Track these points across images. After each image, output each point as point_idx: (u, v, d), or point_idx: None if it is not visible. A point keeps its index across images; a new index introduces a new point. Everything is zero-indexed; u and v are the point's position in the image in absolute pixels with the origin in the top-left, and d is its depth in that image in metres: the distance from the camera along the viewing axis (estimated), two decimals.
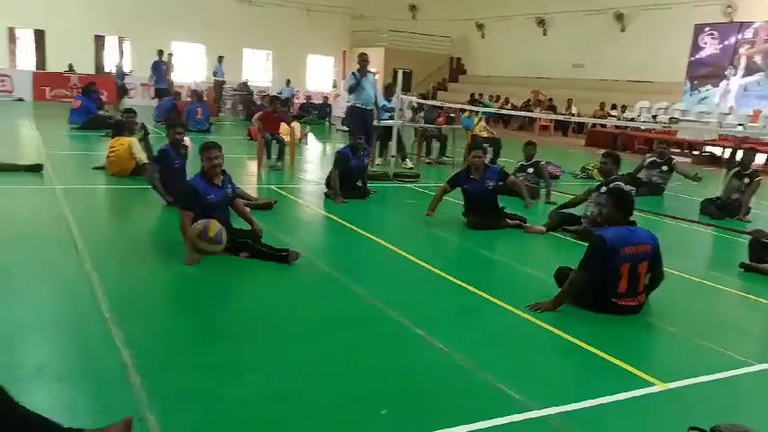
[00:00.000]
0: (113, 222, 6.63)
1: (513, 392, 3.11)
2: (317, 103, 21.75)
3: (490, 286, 4.81)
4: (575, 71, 24.19)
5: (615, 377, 3.43)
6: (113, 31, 24.93)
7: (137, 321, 3.69)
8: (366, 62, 9.85)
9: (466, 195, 6.93)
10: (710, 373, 3.57)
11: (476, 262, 5.86)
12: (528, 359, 3.65)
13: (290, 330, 3.81)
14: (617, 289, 4.21)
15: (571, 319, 4.19)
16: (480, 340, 3.86)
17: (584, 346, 3.78)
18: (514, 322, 4.14)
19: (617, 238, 4.21)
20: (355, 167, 7.94)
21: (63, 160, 9.48)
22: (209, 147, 5.18)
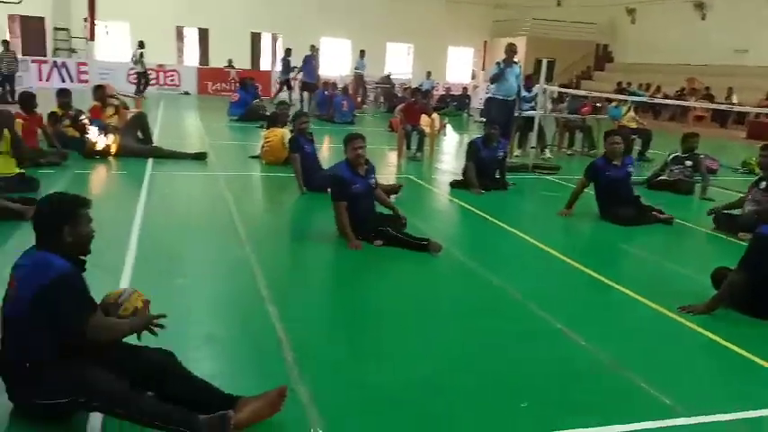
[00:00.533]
0: (268, 208, 7.14)
1: (660, 395, 3.02)
2: (456, 94, 21.76)
3: (635, 283, 4.64)
4: (736, 57, 22.18)
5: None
6: (268, 28, 26.50)
7: (290, 301, 3.99)
8: (513, 52, 9.74)
9: (606, 185, 6.57)
10: None
11: (619, 256, 5.69)
12: (676, 362, 3.51)
13: (429, 317, 3.94)
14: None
15: (726, 322, 3.96)
16: (624, 339, 3.76)
17: (741, 352, 3.57)
18: (661, 322, 3.99)
19: None
20: (487, 158, 7.88)
21: (223, 149, 10.32)
22: (354, 137, 5.41)
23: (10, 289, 2.52)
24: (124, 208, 5.90)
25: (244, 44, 25.58)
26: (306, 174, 7.05)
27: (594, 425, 2.75)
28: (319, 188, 6.68)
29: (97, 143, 8.24)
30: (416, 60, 27.96)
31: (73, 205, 2.64)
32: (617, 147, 6.60)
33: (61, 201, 2.67)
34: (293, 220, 6.53)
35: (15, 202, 5.37)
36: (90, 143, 8.22)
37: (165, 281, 4.13)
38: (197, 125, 13.64)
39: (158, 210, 6.06)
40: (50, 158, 7.63)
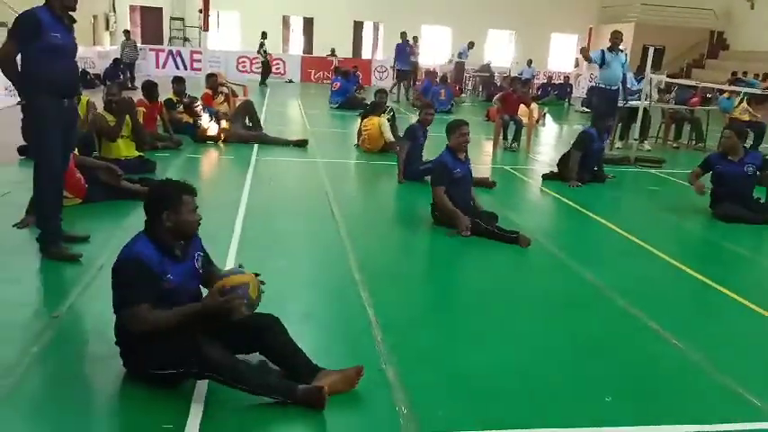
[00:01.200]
0: (364, 194, 7.39)
1: (754, 399, 2.95)
2: (558, 83, 21.23)
3: (737, 284, 4.48)
4: None
5: None
6: (370, 16, 26.90)
7: (382, 285, 4.16)
8: (618, 40, 9.45)
9: (718, 179, 6.37)
10: None
11: (722, 256, 5.47)
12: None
13: (517, 307, 4.00)
14: None
15: None
16: (721, 341, 3.67)
17: None
18: (762, 325, 3.84)
19: None
20: (597, 150, 7.79)
21: (323, 136, 10.68)
22: (459, 124, 5.58)
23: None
24: (231, 191, 6.29)
25: (346, 33, 26.11)
26: (407, 163, 7.21)
27: (676, 423, 2.74)
28: (417, 178, 6.96)
29: (209, 129, 8.78)
30: (518, 48, 27.44)
31: (176, 192, 2.79)
32: (729, 141, 6.37)
33: (165, 187, 2.86)
34: (388, 207, 6.72)
35: (135, 182, 5.87)
36: (202, 129, 8.77)
37: (268, 263, 4.41)
38: (299, 113, 14.16)
39: (262, 194, 6.41)
40: (166, 143, 8.22)
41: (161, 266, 2.72)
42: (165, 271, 2.73)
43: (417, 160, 7.25)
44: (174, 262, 2.79)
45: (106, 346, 2.91)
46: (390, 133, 8.81)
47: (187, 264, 2.87)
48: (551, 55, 28.76)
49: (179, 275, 2.78)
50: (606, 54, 9.35)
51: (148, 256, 2.70)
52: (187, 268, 2.86)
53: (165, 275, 2.72)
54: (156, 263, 2.70)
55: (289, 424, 2.61)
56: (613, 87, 9.41)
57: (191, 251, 2.90)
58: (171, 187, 2.83)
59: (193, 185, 2.88)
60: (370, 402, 2.76)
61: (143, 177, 6.11)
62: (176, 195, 2.78)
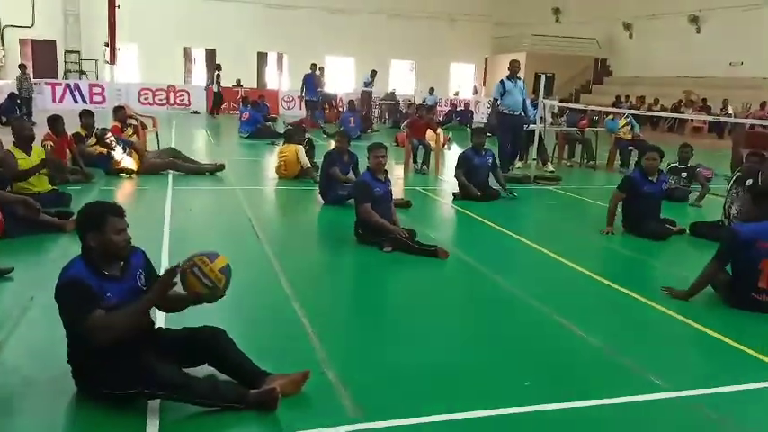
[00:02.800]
0: (286, 217, 7.61)
1: (650, 375, 3.39)
2: (459, 109, 22.30)
3: (631, 282, 5.03)
4: (732, 70, 22.71)
5: (754, 367, 3.60)
6: (274, 47, 27.16)
7: (311, 298, 4.40)
8: (516, 68, 10.19)
9: (637, 200, 6.56)
10: None
11: (617, 259, 6.08)
12: (667, 348, 3.91)
13: (441, 310, 4.36)
14: (756, 284, 4.31)
15: (712, 313, 4.36)
16: (620, 330, 4.17)
17: (722, 338, 3.96)
18: (655, 315, 4.38)
19: (752, 232, 4.34)
20: (479, 166, 8.20)
21: (238, 165, 10.76)
22: (377, 146, 6.00)
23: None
24: (152, 222, 6.29)
25: (250, 64, 26.20)
26: (329, 187, 7.50)
27: (585, 398, 3.14)
28: (339, 202, 7.35)
29: (122, 161, 8.70)
30: (419, 77, 28.54)
31: (100, 213, 2.82)
32: (655, 163, 6.56)
33: (90, 209, 2.89)
34: (312, 229, 6.97)
35: (53, 215, 5.81)
36: (115, 161, 8.67)
37: None
38: (209, 143, 14.13)
39: (184, 223, 6.47)
40: (77, 177, 8.06)
41: (99, 287, 2.76)
42: (104, 290, 2.77)
43: (339, 185, 7.53)
44: (113, 281, 2.83)
45: (52, 371, 2.99)
46: (306, 159, 9.08)
47: (128, 282, 2.92)
48: (451, 83, 30.09)
49: (119, 294, 2.82)
50: (506, 82, 10.07)
51: (85, 277, 2.75)
52: (128, 286, 2.90)
53: (105, 294, 2.77)
54: (94, 284, 2.74)
55: (244, 426, 2.79)
56: (516, 113, 10.11)
57: (131, 269, 2.96)
58: (95, 208, 2.87)
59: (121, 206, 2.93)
60: (317, 402, 2.98)
61: (59, 211, 6.05)
62: (101, 216, 2.80)
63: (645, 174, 6.63)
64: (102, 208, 2.85)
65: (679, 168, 8.97)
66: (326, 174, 7.55)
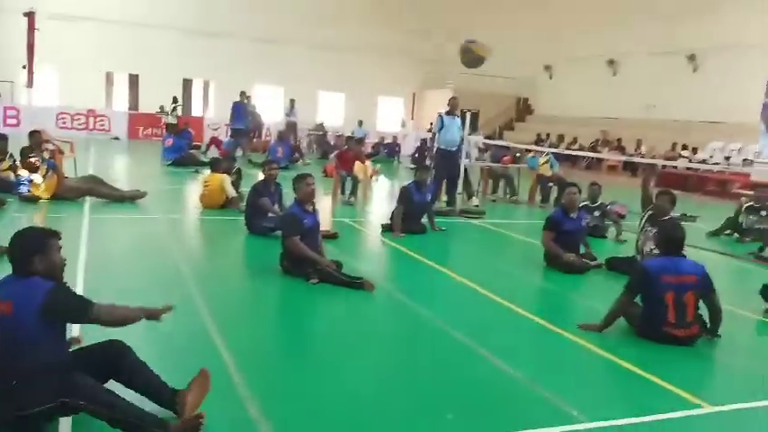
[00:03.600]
0: (208, 248, 7.39)
1: (567, 407, 3.47)
2: (387, 142, 22.58)
3: (551, 315, 5.17)
4: (645, 112, 24.10)
5: (665, 398, 3.73)
6: (200, 74, 26.79)
7: (234, 330, 4.28)
8: (455, 105, 10.42)
9: (560, 237, 6.71)
10: (756, 399, 3.82)
11: (536, 292, 6.24)
12: (583, 379, 4.02)
13: (364, 343, 4.34)
14: (666, 318, 4.50)
15: (626, 346, 4.52)
16: (540, 361, 4.26)
17: (636, 369, 4.10)
18: (572, 347, 4.49)
19: (657, 267, 4.57)
20: (418, 203, 8.27)
21: (159, 193, 10.44)
22: (305, 176, 5.96)
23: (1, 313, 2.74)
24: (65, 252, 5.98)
25: (175, 90, 25.68)
26: (255, 217, 7.37)
27: (509, 430, 3.17)
28: (264, 232, 7.22)
29: (39, 186, 8.28)
30: (348, 109, 28.80)
31: (42, 236, 2.97)
32: (575, 197, 6.78)
33: (31, 233, 3.01)
34: (235, 260, 6.81)
35: None
36: (35, 185, 8.25)
37: None
38: (130, 170, 13.67)
39: (101, 253, 6.19)
40: None
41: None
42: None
43: (265, 216, 7.41)
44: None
45: None
46: (232, 189, 8.91)
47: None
48: (379, 116, 30.51)
49: None
50: (444, 118, 10.30)
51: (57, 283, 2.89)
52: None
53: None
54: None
55: None
56: (452, 149, 10.31)
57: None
58: (36, 233, 3.01)
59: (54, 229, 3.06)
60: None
61: None
62: (43, 239, 2.95)
63: (565, 211, 6.88)
64: (41, 231, 3.02)
65: (590, 207, 9.19)
66: (254, 204, 7.43)
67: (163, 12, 24.78)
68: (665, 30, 22.88)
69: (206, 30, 25.48)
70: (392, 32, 28.83)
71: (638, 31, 23.82)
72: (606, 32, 25.03)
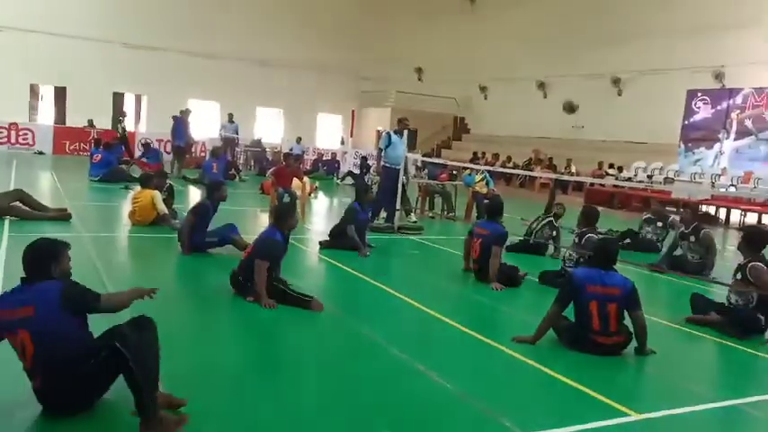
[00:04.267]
0: (139, 267, 7.13)
1: (501, 419, 3.52)
2: (326, 159, 22.55)
3: (485, 328, 5.25)
4: (574, 132, 25.02)
5: (595, 408, 3.84)
6: (132, 88, 26.09)
7: (169, 354, 4.11)
8: (405, 125, 10.55)
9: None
10: (681, 406, 3.97)
11: (473, 307, 6.30)
12: (516, 391, 4.10)
13: (303, 361, 4.27)
14: (591, 326, 4.68)
15: (557, 357, 4.62)
16: (474, 374, 4.31)
17: (567, 380, 4.20)
18: (506, 359, 4.57)
19: (585, 277, 4.76)
20: (362, 221, 8.33)
21: (87, 210, 10.06)
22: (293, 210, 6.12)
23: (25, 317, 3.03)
24: None
25: (105, 104, 24.94)
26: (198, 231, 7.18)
27: None
28: (203, 248, 7.15)
29: None
30: (287, 125, 28.66)
31: (56, 245, 3.31)
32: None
33: (46, 243, 3.31)
34: (168, 279, 6.57)
35: None
36: None
37: None
38: (55, 186, 13.10)
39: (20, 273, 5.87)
40: None
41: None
42: None
43: (203, 231, 7.23)
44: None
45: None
46: (163, 206, 8.66)
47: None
48: (319, 133, 30.48)
49: None
50: (392, 135, 10.40)
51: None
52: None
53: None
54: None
55: None
56: (396, 166, 10.38)
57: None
58: (52, 243, 3.31)
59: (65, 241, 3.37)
60: None
61: None
62: (58, 249, 3.30)
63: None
64: (56, 242, 3.34)
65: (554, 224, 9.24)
66: (197, 224, 7.19)
67: (92, 23, 24.10)
68: (591, 54, 23.90)
69: (139, 43, 24.92)
70: (331, 50, 28.98)
71: (566, 55, 24.80)
72: (536, 55, 25.94)
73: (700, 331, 5.72)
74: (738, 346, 5.36)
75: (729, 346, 5.39)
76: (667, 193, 17.45)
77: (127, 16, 24.74)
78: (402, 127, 10.55)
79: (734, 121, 18.48)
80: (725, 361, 5.31)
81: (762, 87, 17.86)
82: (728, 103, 18.66)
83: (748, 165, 17.75)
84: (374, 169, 13.17)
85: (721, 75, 20.47)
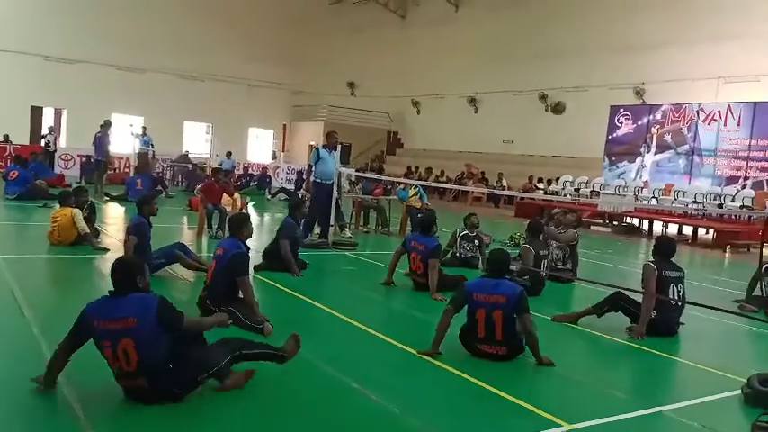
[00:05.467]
0: (59, 289, 6.73)
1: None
2: (257, 174, 22.21)
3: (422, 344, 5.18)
4: (505, 146, 25.65)
5: (528, 419, 3.87)
6: (51, 102, 25.02)
7: (84, 382, 3.89)
8: (334, 139, 10.43)
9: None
10: (612, 414, 4.05)
11: (408, 321, 6.28)
12: (450, 404, 4.09)
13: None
14: (477, 334, 4.81)
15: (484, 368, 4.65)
16: (409, 390, 4.26)
17: (499, 392, 4.22)
18: (439, 374, 4.56)
19: (474, 285, 4.94)
20: (300, 237, 8.16)
21: (2, 230, 9.49)
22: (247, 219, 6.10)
23: (129, 327, 3.46)
24: None
25: (22, 118, 23.81)
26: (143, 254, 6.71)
27: None
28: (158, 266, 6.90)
29: None
30: (216, 139, 28.11)
31: (140, 262, 3.99)
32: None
33: (131, 259, 4.12)
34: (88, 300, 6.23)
35: None
36: None
37: None
38: None
39: None
40: None
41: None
42: None
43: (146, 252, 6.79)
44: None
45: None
46: (84, 224, 8.25)
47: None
48: (250, 147, 30.04)
49: None
50: (321, 150, 10.27)
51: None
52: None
53: None
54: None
55: None
56: (327, 182, 10.25)
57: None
58: (136, 260, 4.02)
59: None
60: None
61: None
62: (141, 265, 3.86)
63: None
64: (138, 260, 4.11)
65: (470, 236, 9.38)
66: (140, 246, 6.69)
67: (8, 34, 22.99)
68: (520, 71, 24.64)
69: (59, 55, 23.96)
70: (261, 64, 28.73)
71: (496, 72, 25.46)
72: (467, 71, 26.51)
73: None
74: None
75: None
76: (593, 205, 18.10)
77: (46, 27, 23.76)
78: (332, 141, 10.48)
79: (654, 136, 19.40)
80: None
81: (679, 104, 18.85)
82: (649, 119, 19.59)
83: (668, 178, 18.64)
84: (305, 186, 13.05)
85: (642, 91, 21.50)
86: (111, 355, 3.50)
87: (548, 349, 4.90)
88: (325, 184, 10.25)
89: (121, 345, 3.44)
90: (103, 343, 3.51)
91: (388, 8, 29.70)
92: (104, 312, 3.52)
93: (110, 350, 3.49)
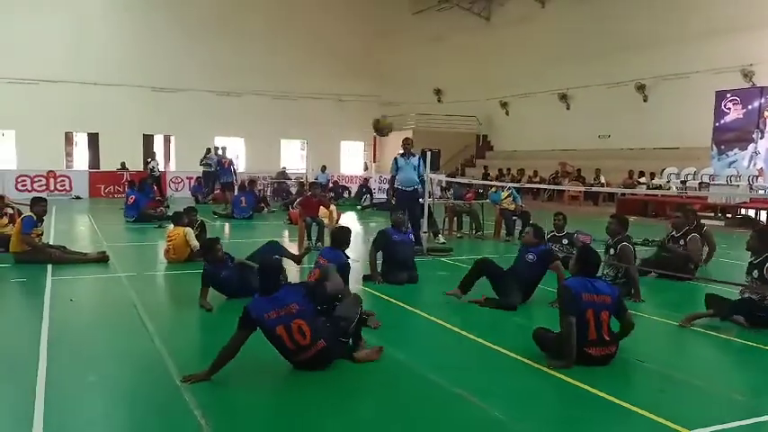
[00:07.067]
0: (174, 304, 7.20)
1: None
2: (352, 185, 22.72)
3: (521, 349, 5.14)
4: (600, 142, 24.75)
5: (645, 426, 3.75)
6: (160, 129, 26.74)
7: (205, 388, 4.16)
8: (409, 146, 10.60)
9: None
10: (733, 420, 3.85)
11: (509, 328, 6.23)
12: (561, 414, 4.04)
13: (345, 389, 4.27)
14: (587, 336, 4.62)
15: (595, 374, 4.53)
16: (516, 397, 4.23)
17: (605, 396, 4.12)
18: (546, 380, 4.50)
19: (577, 286, 4.74)
20: (400, 242, 7.97)
21: (123, 251, 10.26)
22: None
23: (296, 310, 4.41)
24: (29, 316, 5.85)
25: (136, 146, 25.59)
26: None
27: None
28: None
29: None
30: (311, 155, 28.98)
31: (281, 262, 5.03)
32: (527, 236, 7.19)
33: (277, 261, 5.16)
34: (201, 315, 6.63)
35: None
36: None
37: (84, 381, 4.20)
38: (92, 229, 13.42)
39: (65, 315, 6.01)
40: None
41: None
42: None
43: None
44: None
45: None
46: (196, 242, 8.79)
47: None
48: (342, 160, 30.74)
49: None
50: (399, 159, 10.44)
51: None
52: None
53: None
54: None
55: None
56: (408, 188, 10.40)
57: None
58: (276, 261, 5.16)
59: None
60: None
61: None
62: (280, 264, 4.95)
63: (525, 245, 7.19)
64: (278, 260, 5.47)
65: (558, 236, 9.38)
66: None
67: (119, 69, 24.82)
68: (612, 62, 23.73)
69: (165, 85, 25.57)
70: (348, 79, 29.35)
71: (587, 66, 24.66)
72: (555, 67, 25.84)
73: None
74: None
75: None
76: (703, 198, 17.13)
77: (151, 61, 25.43)
78: (406, 148, 10.58)
79: (767, 120, 18.11)
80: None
81: None
82: (760, 102, 18.28)
83: None
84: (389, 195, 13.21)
85: (750, 73, 20.13)
86: (287, 335, 4.38)
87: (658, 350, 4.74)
88: (406, 191, 10.37)
89: (295, 325, 4.37)
90: (277, 328, 4.37)
91: (472, 12, 29.53)
92: (269, 307, 4.40)
93: (285, 332, 4.37)
